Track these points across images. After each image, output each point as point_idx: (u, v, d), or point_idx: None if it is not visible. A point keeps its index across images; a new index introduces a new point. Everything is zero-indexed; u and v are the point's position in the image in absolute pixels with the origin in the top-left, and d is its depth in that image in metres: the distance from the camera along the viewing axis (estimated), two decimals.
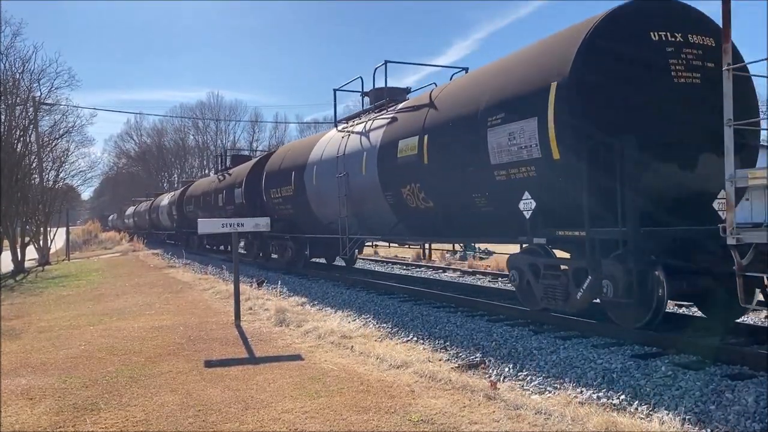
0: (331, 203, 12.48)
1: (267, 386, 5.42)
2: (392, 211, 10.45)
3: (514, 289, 8.15)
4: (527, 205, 7.16)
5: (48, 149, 27.35)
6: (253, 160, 19.71)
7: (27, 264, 23.62)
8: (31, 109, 24.83)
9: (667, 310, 8.33)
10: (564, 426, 4.22)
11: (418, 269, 16.27)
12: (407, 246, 16.76)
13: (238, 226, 9.13)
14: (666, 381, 4.93)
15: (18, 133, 23.19)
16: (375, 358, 6.35)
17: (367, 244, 14.50)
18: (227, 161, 24.32)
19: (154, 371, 6.05)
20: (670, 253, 6.19)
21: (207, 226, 9.42)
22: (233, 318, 8.80)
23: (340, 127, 13.20)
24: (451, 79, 10.73)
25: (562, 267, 7.06)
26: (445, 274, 14.80)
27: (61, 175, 28.81)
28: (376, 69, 11.84)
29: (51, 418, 4.71)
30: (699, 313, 8.14)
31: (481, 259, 18.24)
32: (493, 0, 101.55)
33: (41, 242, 27.06)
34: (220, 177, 22.24)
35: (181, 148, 75.31)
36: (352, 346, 6.90)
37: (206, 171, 65.79)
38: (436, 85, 10.67)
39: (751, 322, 7.37)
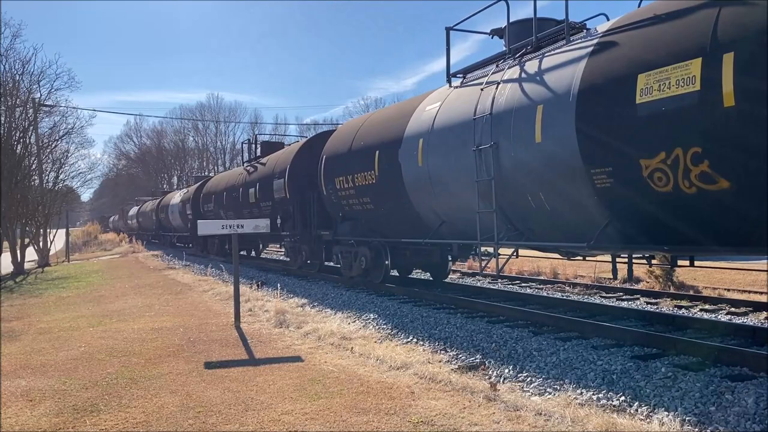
0: (452, 192, 8.56)
1: (267, 388, 5.43)
2: (599, 201, 6.23)
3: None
4: None
5: (48, 151, 27.37)
6: (301, 142, 15.45)
7: (27, 265, 23.61)
8: (30, 110, 24.85)
9: (666, 312, 8.38)
10: (564, 427, 4.23)
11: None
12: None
13: (238, 227, 9.17)
14: (666, 382, 4.93)
15: (18, 134, 23.22)
16: (375, 359, 6.36)
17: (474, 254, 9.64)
18: (257, 150, 19.75)
19: (154, 373, 6.05)
20: None
21: (207, 227, 9.43)
22: (233, 319, 8.80)
23: (455, 83, 9.32)
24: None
25: None
26: None
27: (61, 176, 28.86)
28: None
29: (51, 420, 4.71)
30: (699, 315, 8.17)
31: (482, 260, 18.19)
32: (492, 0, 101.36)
33: (41, 244, 27.06)
34: (249, 168, 18.35)
35: (180, 150, 75.25)
36: (352, 348, 6.90)
37: (206, 172, 65.80)
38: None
39: (751, 324, 7.38)
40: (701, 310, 8.58)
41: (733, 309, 8.49)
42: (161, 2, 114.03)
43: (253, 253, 22.99)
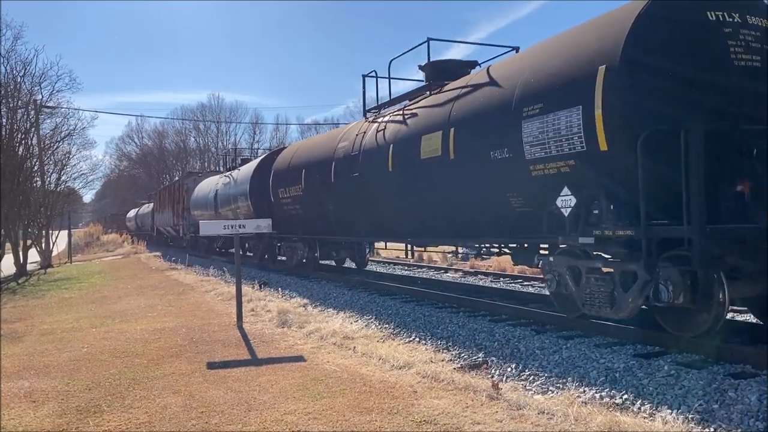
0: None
1: (270, 387, 5.43)
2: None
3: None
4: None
5: (49, 152, 27.39)
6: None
7: (29, 267, 23.64)
8: (32, 112, 24.86)
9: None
10: (567, 426, 4.22)
11: (419, 269, 16.27)
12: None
13: (240, 227, 9.16)
14: (669, 380, 4.92)
15: (19, 136, 23.20)
16: (377, 358, 6.36)
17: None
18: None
19: (157, 373, 6.06)
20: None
21: (209, 228, 9.43)
22: (235, 319, 8.81)
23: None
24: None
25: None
26: (447, 274, 14.81)
27: (63, 177, 28.82)
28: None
29: (54, 421, 4.72)
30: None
31: (483, 259, 18.22)
32: (493, 0, 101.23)
33: (43, 245, 27.09)
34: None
35: (182, 151, 75.31)
36: (355, 347, 6.90)
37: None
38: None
39: (754, 321, 7.36)
40: None
41: (734, 307, 8.45)
42: (161, 2, 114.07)
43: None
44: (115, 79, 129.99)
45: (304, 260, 14.77)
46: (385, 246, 13.77)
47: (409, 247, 12.53)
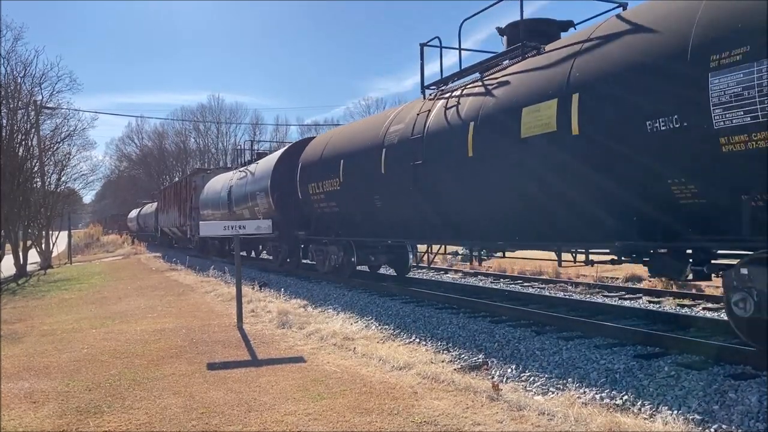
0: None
1: (270, 388, 5.43)
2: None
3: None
4: None
5: (49, 153, 27.42)
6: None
7: (29, 268, 23.64)
8: (32, 113, 24.89)
9: (668, 311, 8.37)
10: (567, 427, 4.22)
11: (420, 270, 16.26)
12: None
13: (240, 228, 9.17)
14: (669, 381, 4.92)
15: (20, 137, 23.23)
16: (377, 359, 6.36)
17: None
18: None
19: (157, 374, 6.06)
20: None
21: (209, 228, 9.43)
22: (235, 320, 8.81)
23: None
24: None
25: None
26: (447, 275, 14.81)
27: (63, 178, 28.87)
28: None
29: (54, 422, 4.72)
30: (701, 313, 8.15)
31: (483, 260, 18.21)
32: (493, 1, 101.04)
33: (43, 246, 27.09)
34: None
35: (182, 151, 75.38)
36: (355, 348, 6.91)
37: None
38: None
39: None
40: (704, 308, 8.56)
41: None
42: (161, 2, 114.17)
43: (253, 254, 22.84)
44: (115, 80, 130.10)
45: (338, 265, 12.95)
46: (445, 250, 11.38)
47: (474, 251, 10.36)
